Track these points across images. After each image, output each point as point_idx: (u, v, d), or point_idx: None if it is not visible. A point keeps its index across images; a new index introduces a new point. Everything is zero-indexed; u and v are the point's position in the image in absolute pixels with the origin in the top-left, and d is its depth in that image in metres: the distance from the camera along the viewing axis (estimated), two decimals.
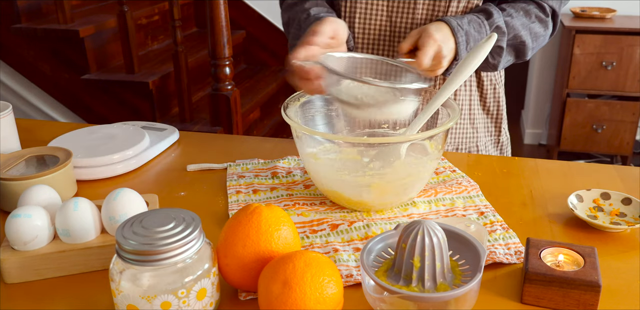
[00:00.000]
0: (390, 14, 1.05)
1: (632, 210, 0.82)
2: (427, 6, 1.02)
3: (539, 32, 1.05)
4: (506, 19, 1.01)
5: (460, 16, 0.98)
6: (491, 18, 0.99)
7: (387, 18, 1.05)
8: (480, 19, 0.98)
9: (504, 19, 1.01)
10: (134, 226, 0.60)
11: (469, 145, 1.17)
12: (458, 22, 0.95)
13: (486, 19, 0.99)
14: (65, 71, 2.55)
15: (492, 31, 0.98)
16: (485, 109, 1.17)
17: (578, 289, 0.64)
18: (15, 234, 0.69)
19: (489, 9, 1.00)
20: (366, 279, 0.62)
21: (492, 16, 0.99)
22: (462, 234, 0.66)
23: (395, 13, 1.04)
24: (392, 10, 1.04)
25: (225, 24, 2.10)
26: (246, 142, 1.13)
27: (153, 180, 0.98)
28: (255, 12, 3.23)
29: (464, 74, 0.85)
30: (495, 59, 1.04)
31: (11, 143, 1.01)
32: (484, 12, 1.01)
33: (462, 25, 0.95)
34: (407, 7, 1.03)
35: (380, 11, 1.05)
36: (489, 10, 1.00)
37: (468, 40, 0.96)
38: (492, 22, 0.99)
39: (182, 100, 2.41)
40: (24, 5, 2.54)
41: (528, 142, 3.64)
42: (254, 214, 0.65)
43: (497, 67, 1.05)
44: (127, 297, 0.58)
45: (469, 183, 0.92)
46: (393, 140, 0.83)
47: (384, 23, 1.06)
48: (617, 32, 2.88)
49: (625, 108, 3.00)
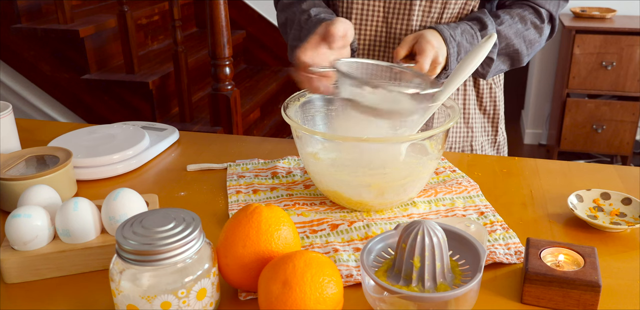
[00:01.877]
0: (387, 15, 1.05)
1: (632, 210, 0.82)
2: (424, 8, 1.03)
3: (533, 39, 1.05)
4: (499, 28, 1.01)
5: (454, 25, 0.98)
6: (485, 29, 1.00)
7: (384, 19, 1.05)
8: (473, 29, 0.99)
9: (498, 28, 1.01)
10: (134, 226, 0.60)
11: (463, 144, 1.17)
12: (451, 33, 0.96)
13: (479, 30, 1.00)
14: (65, 71, 2.55)
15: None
16: (482, 108, 1.17)
17: (578, 289, 0.64)
18: (15, 234, 0.69)
19: (483, 19, 1.00)
20: (366, 279, 0.62)
21: (486, 27, 1.00)
22: (462, 234, 0.66)
23: (391, 15, 1.04)
24: (389, 11, 1.04)
25: (225, 24, 2.10)
26: (246, 142, 1.13)
27: (153, 180, 0.98)
28: (255, 12, 3.23)
29: (464, 74, 0.86)
30: (484, 69, 1.05)
31: (11, 143, 1.01)
32: (478, 21, 1.01)
33: (455, 36, 0.96)
34: (403, 8, 1.03)
35: (377, 12, 1.05)
36: (484, 20, 1.00)
37: (459, 52, 0.97)
38: (485, 33, 1.00)
39: (182, 100, 2.41)
40: (24, 5, 2.54)
41: (528, 142, 3.64)
42: (254, 214, 0.65)
43: (486, 76, 1.06)
44: (127, 297, 0.58)
45: (469, 183, 0.93)
46: (393, 140, 0.83)
47: (380, 24, 1.06)
48: (617, 32, 2.88)
49: (625, 108, 3.00)
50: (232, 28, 3.18)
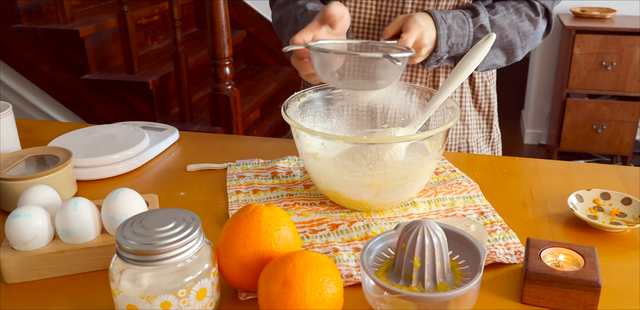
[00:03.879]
0: (379, 13, 1.05)
1: (632, 210, 0.82)
2: (417, 6, 1.03)
3: (527, 31, 1.05)
4: (493, 18, 1.01)
5: (446, 11, 0.99)
6: (477, 16, 1.00)
7: (376, 16, 1.06)
8: (465, 15, 0.99)
9: (492, 18, 1.01)
10: (134, 226, 0.60)
11: (459, 141, 1.17)
12: (442, 15, 0.97)
13: (471, 17, 1.00)
14: (65, 71, 2.55)
15: (475, 30, 0.99)
16: (477, 105, 1.17)
17: (578, 289, 0.64)
18: (15, 234, 0.69)
19: (476, 8, 1.01)
20: (366, 279, 0.62)
21: (478, 15, 1.00)
22: (462, 234, 0.66)
23: (384, 12, 1.05)
24: (381, 8, 1.05)
25: (225, 24, 2.10)
26: (246, 142, 1.13)
27: (153, 180, 0.98)
28: (255, 12, 3.23)
29: (463, 74, 0.86)
30: None
31: (11, 143, 1.01)
32: (470, 10, 1.01)
33: (446, 19, 0.97)
34: (396, 6, 1.04)
35: (369, 10, 1.06)
36: (476, 8, 1.01)
37: (450, 34, 0.97)
38: (477, 20, 1.00)
39: (182, 100, 2.41)
40: (24, 5, 2.54)
41: (528, 142, 3.64)
42: (254, 214, 0.65)
43: (478, 67, 1.06)
44: (127, 297, 0.58)
45: (469, 183, 0.93)
46: (393, 140, 0.83)
47: (373, 21, 1.06)
48: (617, 32, 2.88)
49: (625, 108, 3.00)
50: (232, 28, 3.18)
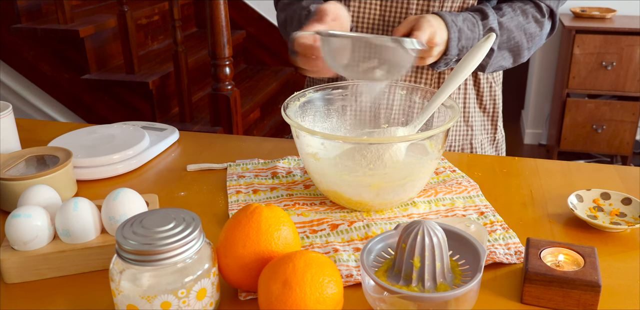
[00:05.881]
0: (384, 13, 1.05)
1: (632, 210, 0.82)
2: (422, 7, 1.03)
3: (534, 33, 1.05)
4: (501, 20, 1.01)
5: (455, 13, 0.99)
6: (486, 19, 1.00)
7: (380, 17, 1.05)
8: (475, 18, 0.99)
9: (499, 20, 1.01)
10: (134, 226, 0.60)
11: (462, 142, 1.17)
12: (453, 18, 0.96)
13: (481, 20, 1.00)
14: (65, 71, 2.55)
15: (485, 32, 0.99)
16: (482, 106, 1.17)
17: (578, 289, 0.64)
18: (15, 234, 0.69)
19: (484, 10, 1.01)
20: (366, 279, 0.62)
21: (488, 17, 1.00)
22: (462, 234, 0.66)
23: (389, 13, 1.04)
24: (386, 9, 1.04)
25: (225, 24, 2.10)
26: (246, 142, 1.13)
27: (153, 180, 0.98)
28: (255, 12, 3.23)
29: (463, 73, 0.86)
30: (485, 60, 1.04)
31: (11, 143, 1.01)
32: (479, 12, 1.01)
33: (457, 21, 0.96)
34: (401, 7, 1.04)
35: (374, 10, 1.05)
36: (485, 11, 1.00)
37: (460, 37, 0.96)
38: (487, 23, 0.99)
39: (182, 100, 2.41)
40: (24, 5, 2.54)
41: (528, 142, 3.64)
42: (254, 214, 0.65)
43: (486, 69, 1.06)
44: (127, 297, 0.58)
45: (469, 183, 0.93)
46: (393, 140, 0.83)
47: (377, 21, 1.06)
48: (617, 32, 2.88)
49: (625, 108, 3.00)
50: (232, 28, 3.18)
